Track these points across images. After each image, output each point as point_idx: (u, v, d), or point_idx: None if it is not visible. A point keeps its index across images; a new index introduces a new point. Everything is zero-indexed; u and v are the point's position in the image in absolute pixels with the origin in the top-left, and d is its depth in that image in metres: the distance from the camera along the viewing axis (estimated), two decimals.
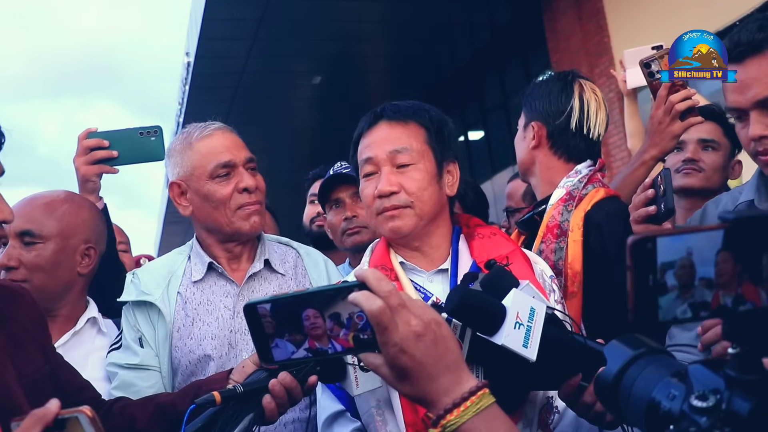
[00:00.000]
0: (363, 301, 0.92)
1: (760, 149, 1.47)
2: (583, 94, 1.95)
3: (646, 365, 0.77)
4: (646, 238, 0.66)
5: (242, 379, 1.37)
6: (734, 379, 0.67)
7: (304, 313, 0.96)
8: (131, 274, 1.87)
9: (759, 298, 0.67)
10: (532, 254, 1.59)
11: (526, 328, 1.15)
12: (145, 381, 1.73)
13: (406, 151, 1.47)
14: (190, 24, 11.68)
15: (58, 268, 1.82)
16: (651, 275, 0.66)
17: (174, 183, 1.85)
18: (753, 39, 1.45)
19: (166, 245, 25.80)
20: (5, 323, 1.35)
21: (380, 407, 1.38)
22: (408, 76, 12.51)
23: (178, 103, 13.87)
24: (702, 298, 0.67)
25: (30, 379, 1.30)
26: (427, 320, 0.95)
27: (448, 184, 1.53)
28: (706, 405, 0.67)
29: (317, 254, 2.00)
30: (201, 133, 1.84)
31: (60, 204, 1.85)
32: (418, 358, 0.94)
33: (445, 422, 0.94)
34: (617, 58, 8.86)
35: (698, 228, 0.68)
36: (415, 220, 1.46)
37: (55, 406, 1.00)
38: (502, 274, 1.25)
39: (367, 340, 0.96)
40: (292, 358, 1.00)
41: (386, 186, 1.45)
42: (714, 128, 2.37)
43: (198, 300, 1.80)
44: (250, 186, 1.79)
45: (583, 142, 1.94)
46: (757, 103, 1.45)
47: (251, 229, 1.80)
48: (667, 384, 0.73)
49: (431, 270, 1.50)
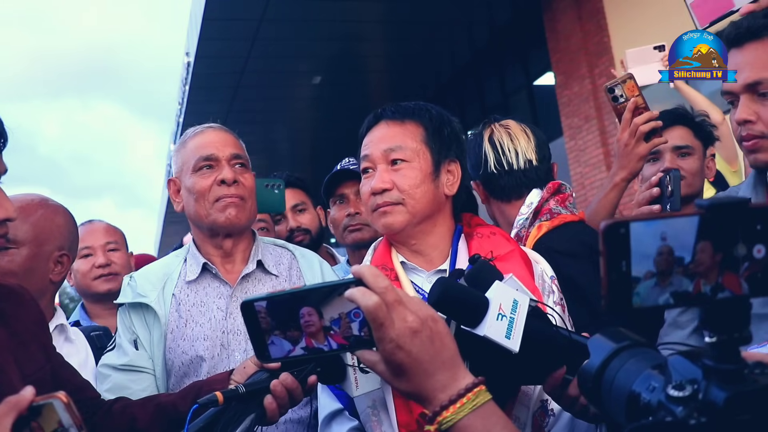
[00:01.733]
0: (359, 297, 0.92)
1: (744, 134, 1.46)
2: (492, 135, 1.98)
3: (628, 358, 0.77)
4: (619, 223, 0.66)
5: (243, 379, 1.37)
6: (711, 369, 0.67)
7: (300, 311, 0.96)
8: (128, 276, 1.88)
9: (738, 286, 0.67)
10: (534, 254, 1.59)
11: (509, 319, 1.15)
12: (138, 384, 1.73)
13: (399, 150, 1.49)
14: (190, 24, 11.68)
15: (31, 274, 1.78)
16: (624, 261, 0.66)
17: (170, 180, 1.92)
18: (754, 24, 1.45)
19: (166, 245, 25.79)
20: (8, 322, 1.35)
21: (375, 407, 1.39)
22: (408, 76, 12.50)
23: (178, 103, 13.88)
24: (679, 286, 0.67)
25: (32, 378, 1.29)
26: (423, 317, 0.95)
27: (447, 184, 1.53)
28: (682, 394, 0.67)
29: (312, 256, 2.01)
30: (194, 132, 1.90)
31: (35, 209, 1.82)
32: (414, 354, 0.93)
33: (441, 419, 0.93)
34: (617, 58, 8.86)
35: (674, 214, 0.68)
36: (407, 218, 1.47)
37: (29, 393, 0.99)
38: (485, 267, 1.26)
39: (363, 337, 0.95)
40: (289, 356, 0.99)
41: (378, 183, 1.47)
42: (685, 133, 2.36)
43: (191, 301, 1.81)
44: (228, 178, 1.80)
45: (512, 178, 1.95)
46: (746, 87, 1.45)
47: (226, 221, 1.79)
48: (647, 376, 0.73)
49: (431, 270, 1.50)
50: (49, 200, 1.91)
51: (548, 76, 10.68)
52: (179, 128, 14.56)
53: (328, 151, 12.07)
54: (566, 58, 9.60)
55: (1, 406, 0.98)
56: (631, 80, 1.97)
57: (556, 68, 9.95)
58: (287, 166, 15.16)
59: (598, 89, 9.02)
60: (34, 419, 0.98)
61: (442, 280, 1.18)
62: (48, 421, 0.98)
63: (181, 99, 13.41)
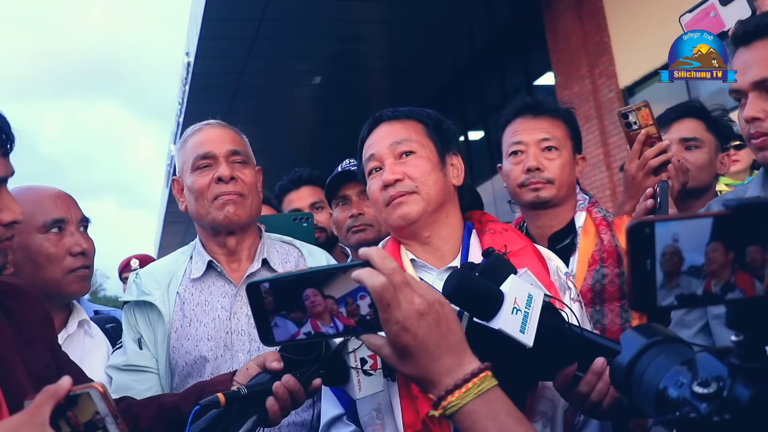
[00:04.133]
0: (366, 278, 0.92)
1: (753, 132, 1.46)
2: None
3: (659, 353, 0.78)
4: (644, 223, 0.67)
5: (246, 381, 1.36)
6: (737, 367, 0.68)
7: (304, 292, 0.96)
8: (134, 274, 1.88)
9: (752, 287, 0.67)
10: (546, 250, 1.60)
11: (523, 313, 1.15)
12: (141, 384, 1.72)
13: (406, 142, 1.50)
14: (190, 24, 11.68)
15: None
16: (649, 260, 0.67)
17: (174, 180, 1.91)
18: (762, 22, 1.45)
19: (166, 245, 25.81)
20: (14, 320, 1.36)
21: (380, 411, 1.38)
22: (408, 76, 12.51)
23: (178, 103, 13.90)
24: (702, 285, 0.68)
25: (38, 376, 1.30)
26: (430, 300, 0.95)
27: (453, 175, 1.55)
28: (707, 391, 0.67)
29: (320, 253, 1.99)
30: (193, 130, 1.89)
31: None
32: (420, 336, 0.93)
33: (446, 403, 0.93)
34: (617, 58, 8.87)
35: (698, 214, 0.68)
36: (422, 205, 1.47)
37: (67, 383, 1.00)
38: (500, 261, 1.25)
39: (369, 320, 0.95)
40: (294, 340, 0.99)
41: (390, 175, 1.48)
42: (695, 125, 2.32)
43: (196, 300, 1.80)
44: (224, 176, 1.78)
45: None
46: (755, 84, 1.44)
47: (225, 218, 1.78)
48: (676, 372, 0.74)
49: (441, 267, 1.49)
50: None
51: (548, 76, 10.69)
52: (179, 128, 14.57)
53: (328, 151, 12.08)
54: (566, 58, 9.61)
55: (40, 395, 0.99)
56: (646, 108, 1.95)
57: (556, 68, 9.96)
58: (287, 166, 15.13)
59: (598, 89, 9.03)
60: (71, 409, 0.99)
61: (457, 272, 1.17)
62: (84, 410, 0.99)
63: (181, 99, 13.42)
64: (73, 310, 1.94)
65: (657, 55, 5.92)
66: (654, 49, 6.60)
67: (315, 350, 1.32)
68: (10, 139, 1.27)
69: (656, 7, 7.64)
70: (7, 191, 1.31)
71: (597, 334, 1.35)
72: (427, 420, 1.30)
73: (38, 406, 0.99)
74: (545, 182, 1.97)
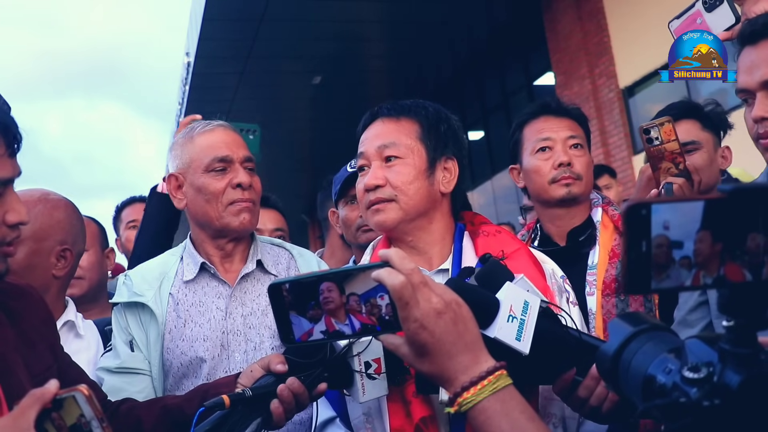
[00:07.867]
0: (386, 277, 0.95)
1: (761, 131, 1.44)
2: None
3: (646, 341, 0.78)
4: (641, 204, 0.67)
5: (250, 383, 1.36)
6: (727, 353, 0.68)
7: (320, 286, 0.98)
8: (123, 275, 1.85)
9: (741, 275, 0.67)
10: (540, 254, 1.59)
11: (519, 321, 1.16)
12: (134, 386, 1.70)
13: (393, 146, 1.49)
14: (190, 24, 11.68)
15: (32, 270, 1.76)
16: (644, 241, 0.67)
17: (172, 175, 1.84)
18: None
19: None
20: (16, 322, 1.35)
21: (370, 415, 1.39)
22: (408, 76, 12.50)
23: (178, 103, 13.88)
24: (696, 268, 0.68)
25: (40, 377, 1.29)
26: (448, 299, 0.98)
27: (443, 181, 1.52)
28: (697, 376, 0.68)
29: (310, 255, 1.99)
30: (203, 128, 1.85)
31: (33, 205, 1.79)
32: (438, 334, 0.96)
33: (461, 400, 0.96)
34: (617, 58, 8.88)
35: (695, 197, 0.68)
36: (399, 214, 1.46)
37: (53, 386, 1.01)
38: (496, 267, 1.25)
39: (387, 319, 0.97)
40: (310, 340, 1.01)
41: (371, 179, 1.48)
42: (690, 126, 2.29)
43: (190, 301, 1.78)
44: (244, 182, 1.77)
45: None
46: (763, 84, 1.43)
47: (240, 225, 1.78)
48: (664, 359, 0.74)
49: (431, 270, 1.49)
50: (50, 195, 1.88)
51: (548, 76, 10.69)
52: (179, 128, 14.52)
53: (327, 151, 12.07)
54: (566, 58, 9.61)
55: (26, 398, 0.99)
56: (669, 124, 1.92)
57: (556, 68, 9.96)
58: (287, 166, 15.15)
59: (598, 89, 9.03)
60: (56, 411, 1.00)
61: (453, 281, 1.18)
62: (69, 413, 0.99)
63: (181, 99, 13.41)
64: (66, 310, 1.92)
65: (657, 55, 5.92)
66: (654, 49, 6.61)
67: (320, 353, 1.33)
68: (18, 139, 1.27)
69: (656, 7, 7.63)
70: (14, 192, 1.30)
71: (595, 337, 1.35)
72: (420, 425, 1.30)
73: (24, 410, 0.99)
74: (575, 178, 1.98)
